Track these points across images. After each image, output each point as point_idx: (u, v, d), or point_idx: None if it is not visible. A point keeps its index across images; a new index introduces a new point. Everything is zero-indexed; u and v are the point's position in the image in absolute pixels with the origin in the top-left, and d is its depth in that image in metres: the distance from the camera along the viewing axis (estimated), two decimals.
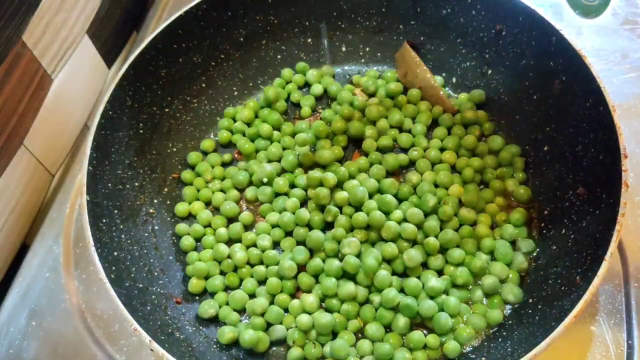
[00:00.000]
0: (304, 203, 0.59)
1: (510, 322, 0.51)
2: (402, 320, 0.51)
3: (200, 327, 0.53)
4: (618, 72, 0.66)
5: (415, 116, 0.63)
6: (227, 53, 0.65)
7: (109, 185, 0.54)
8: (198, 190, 0.61)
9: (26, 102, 0.56)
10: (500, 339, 0.49)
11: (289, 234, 0.57)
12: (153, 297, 0.52)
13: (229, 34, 0.63)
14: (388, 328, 0.52)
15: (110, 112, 0.54)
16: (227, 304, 0.54)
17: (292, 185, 0.60)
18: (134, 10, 0.75)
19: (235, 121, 0.65)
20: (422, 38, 0.65)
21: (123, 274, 0.50)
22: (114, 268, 0.49)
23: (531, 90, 0.59)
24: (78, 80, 0.65)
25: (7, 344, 0.53)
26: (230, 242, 0.58)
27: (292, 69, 0.68)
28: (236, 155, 0.64)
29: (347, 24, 0.67)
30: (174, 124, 0.62)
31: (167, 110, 0.61)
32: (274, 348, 0.53)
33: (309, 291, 0.54)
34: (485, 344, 0.50)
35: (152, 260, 0.55)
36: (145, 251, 0.55)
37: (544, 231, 0.55)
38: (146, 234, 0.56)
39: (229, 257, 0.56)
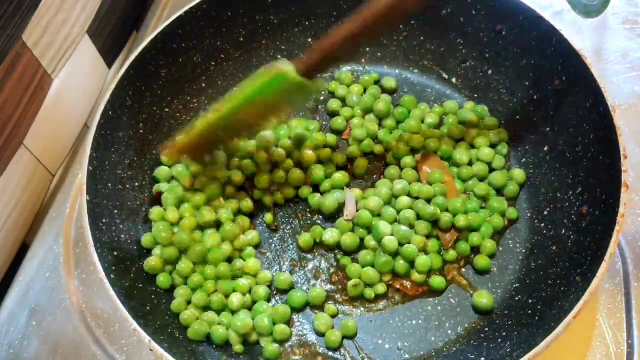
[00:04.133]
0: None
1: (510, 322, 0.51)
2: None
3: None
4: (618, 72, 0.66)
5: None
6: (227, 53, 0.65)
7: (109, 185, 0.54)
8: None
9: (26, 102, 0.56)
10: (500, 339, 0.49)
11: None
12: (153, 297, 0.52)
13: (229, 34, 0.63)
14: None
15: (110, 112, 0.54)
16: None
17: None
18: (134, 10, 0.75)
19: None
20: (422, 38, 0.65)
21: (123, 274, 0.50)
22: (114, 268, 0.49)
23: (531, 91, 0.59)
24: (78, 80, 0.64)
25: (7, 344, 0.53)
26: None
27: None
28: None
29: None
30: (174, 124, 0.62)
31: (167, 110, 0.61)
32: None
33: None
34: (485, 344, 0.50)
35: None
36: (145, 251, 0.55)
37: (544, 231, 0.55)
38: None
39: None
